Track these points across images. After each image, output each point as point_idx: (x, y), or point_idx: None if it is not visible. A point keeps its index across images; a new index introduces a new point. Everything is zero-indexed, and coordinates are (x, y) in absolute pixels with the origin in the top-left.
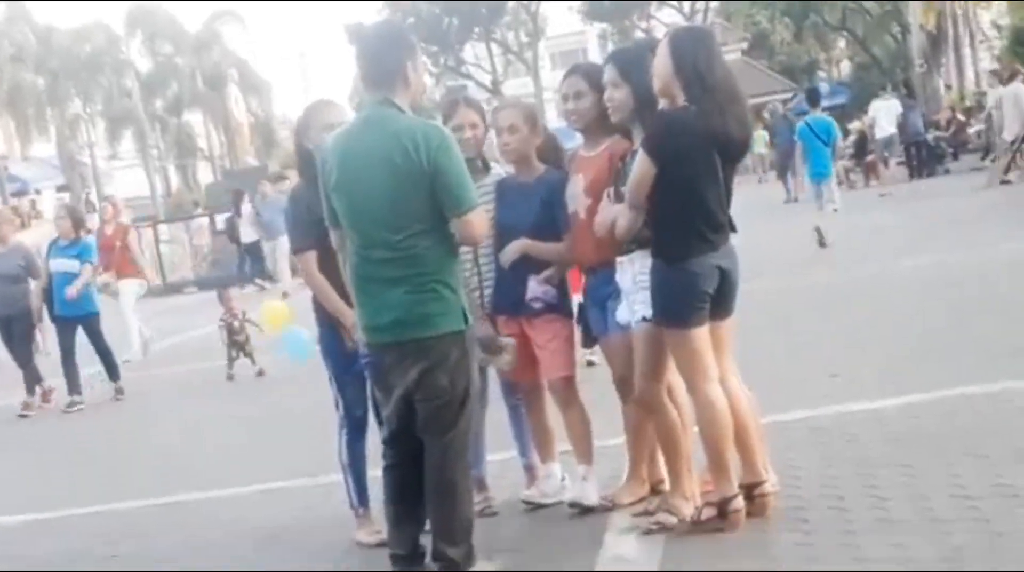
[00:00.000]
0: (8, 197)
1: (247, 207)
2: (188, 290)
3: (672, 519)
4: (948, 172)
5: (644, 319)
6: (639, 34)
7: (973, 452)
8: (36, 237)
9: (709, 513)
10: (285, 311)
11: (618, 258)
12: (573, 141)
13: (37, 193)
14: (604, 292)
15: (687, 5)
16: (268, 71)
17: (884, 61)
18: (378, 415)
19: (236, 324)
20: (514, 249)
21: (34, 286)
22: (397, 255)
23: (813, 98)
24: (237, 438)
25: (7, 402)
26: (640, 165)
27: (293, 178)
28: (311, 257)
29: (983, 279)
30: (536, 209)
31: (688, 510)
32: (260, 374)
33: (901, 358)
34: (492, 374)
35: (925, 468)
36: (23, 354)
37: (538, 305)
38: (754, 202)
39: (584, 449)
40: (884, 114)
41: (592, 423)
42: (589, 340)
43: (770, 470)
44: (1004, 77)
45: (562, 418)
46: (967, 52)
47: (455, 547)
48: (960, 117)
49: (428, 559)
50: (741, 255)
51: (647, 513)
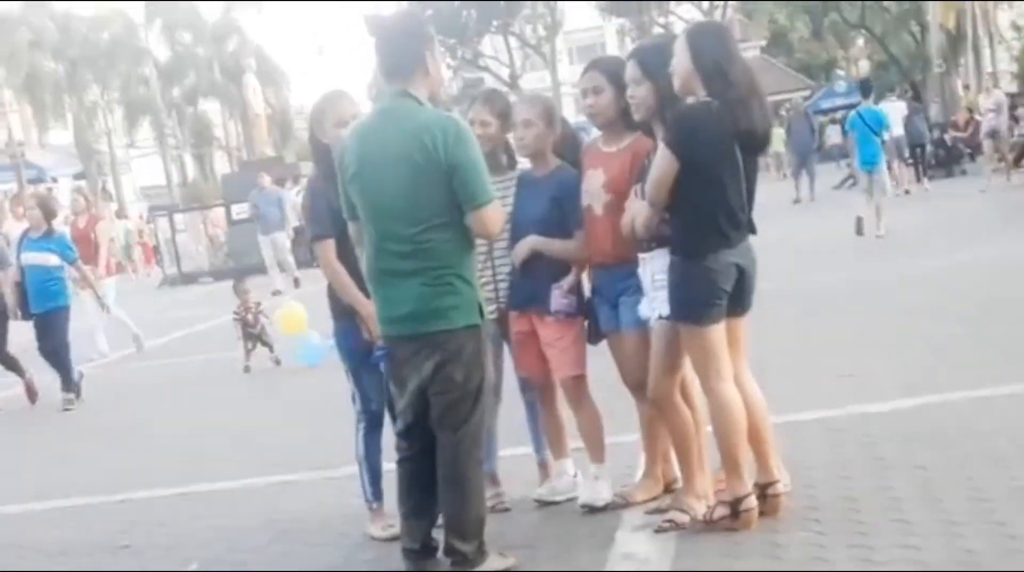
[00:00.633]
0: (25, 184)
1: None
2: (203, 280)
3: (684, 517)
4: (965, 173)
5: (661, 317)
6: (657, 30)
7: (989, 454)
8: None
9: (721, 512)
10: (302, 317)
11: (640, 255)
12: (591, 135)
13: (54, 181)
14: (617, 289)
15: (705, 3)
16: (286, 62)
17: (903, 60)
18: (391, 409)
19: (250, 317)
20: (524, 247)
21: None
22: (414, 248)
23: (865, 89)
24: (252, 429)
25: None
26: (661, 161)
27: (306, 171)
28: (329, 245)
29: (1000, 280)
30: (545, 204)
31: (700, 509)
32: (277, 363)
33: (917, 359)
34: (507, 369)
35: (940, 470)
36: None
37: (562, 317)
38: (776, 200)
39: (596, 448)
40: (891, 116)
41: (604, 420)
42: (595, 336)
43: (783, 470)
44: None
45: (574, 417)
46: (986, 53)
47: (466, 542)
48: (978, 118)
49: (440, 554)
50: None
51: (660, 511)
